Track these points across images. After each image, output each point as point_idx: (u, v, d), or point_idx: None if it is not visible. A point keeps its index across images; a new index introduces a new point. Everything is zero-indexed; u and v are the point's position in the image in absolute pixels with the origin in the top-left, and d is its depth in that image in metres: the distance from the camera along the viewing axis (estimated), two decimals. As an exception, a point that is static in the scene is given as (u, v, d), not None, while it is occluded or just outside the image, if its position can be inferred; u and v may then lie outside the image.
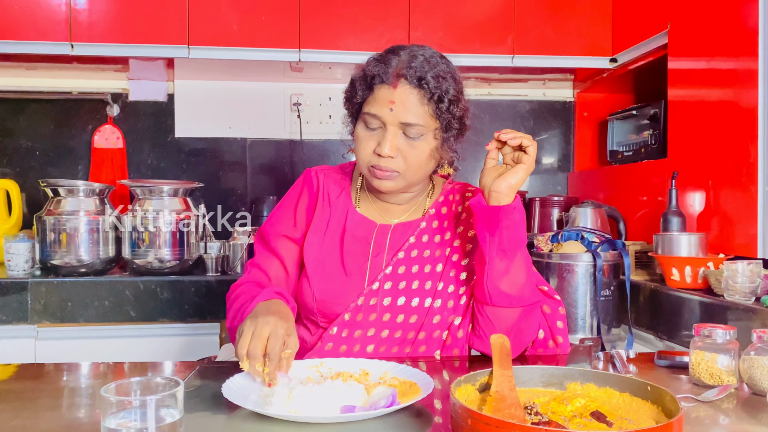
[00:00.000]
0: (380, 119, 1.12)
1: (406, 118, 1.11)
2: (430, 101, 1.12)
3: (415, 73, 1.12)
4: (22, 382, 1.06)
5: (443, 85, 1.13)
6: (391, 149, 1.12)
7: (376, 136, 1.14)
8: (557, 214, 2.56)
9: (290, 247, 1.25)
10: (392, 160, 1.13)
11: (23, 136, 2.63)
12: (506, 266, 1.09)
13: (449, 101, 1.13)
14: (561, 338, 1.23)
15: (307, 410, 0.84)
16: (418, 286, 1.20)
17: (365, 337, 1.18)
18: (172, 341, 2.04)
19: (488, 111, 2.88)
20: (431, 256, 1.22)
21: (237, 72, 2.58)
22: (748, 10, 1.68)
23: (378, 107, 1.13)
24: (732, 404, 0.93)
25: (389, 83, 1.12)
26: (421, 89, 1.12)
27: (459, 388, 0.85)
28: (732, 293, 1.48)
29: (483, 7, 2.41)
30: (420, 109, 1.12)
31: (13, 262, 2.06)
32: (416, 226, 1.24)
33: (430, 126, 1.14)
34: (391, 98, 1.11)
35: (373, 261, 1.22)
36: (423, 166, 1.16)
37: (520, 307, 1.13)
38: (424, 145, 1.14)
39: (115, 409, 0.70)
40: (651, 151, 2.26)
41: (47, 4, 2.21)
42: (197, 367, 1.12)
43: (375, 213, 1.27)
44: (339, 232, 1.24)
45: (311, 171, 1.30)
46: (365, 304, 1.19)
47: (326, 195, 1.27)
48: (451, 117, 1.15)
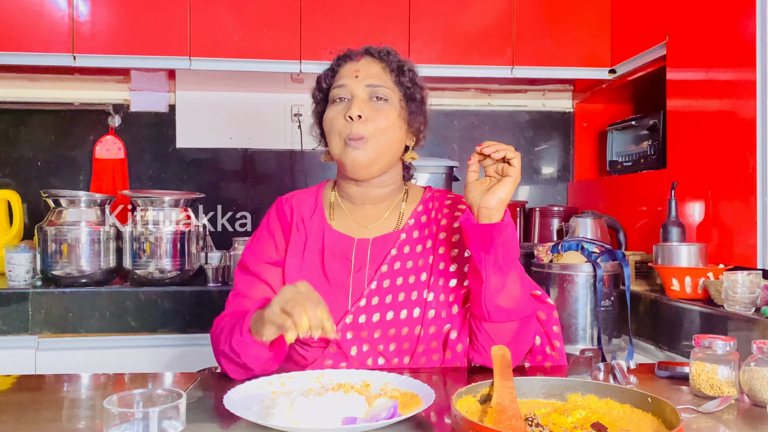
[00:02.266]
0: (347, 88, 1.19)
1: (371, 81, 1.19)
2: (392, 72, 1.21)
3: (378, 50, 1.23)
4: (22, 393, 1.05)
5: (404, 61, 1.23)
6: (359, 110, 1.16)
7: (344, 109, 1.19)
8: (557, 224, 2.57)
9: (274, 271, 1.24)
10: (361, 124, 1.16)
11: (25, 146, 2.64)
12: (502, 282, 1.08)
13: (409, 73, 1.22)
14: (558, 342, 1.23)
15: (308, 422, 0.84)
16: (405, 298, 1.18)
17: (361, 353, 1.17)
18: (173, 351, 2.04)
19: (488, 122, 2.89)
20: (414, 266, 1.21)
21: (238, 83, 2.59)
22: (746, 22, 1.70)
23: (344, 79, 1.20)
24: (732, 415, 0.93)
25: (353, 59, 1.22)
26: (383, 61, 1.21)
27: (460, 400, 0.85)
28: (732, 304, 1.48)
29: (482, 19, 2.43)
30: (384, 75, 1.20)
31: (14, 272, 2.06)
32: (396, 237, 1.23)
33: (394, 91, 1.21)
34: (356, 68, 1.20)
35: (355, 276, 1.20)
36: (390, 132, 1.19)
37: (518, 320, 1.13)
38: (390, 108, 1.19)
39: (118, 420, 0.70)
40: (650, 161, 2.27)
41: (50, 16, 2.23)
42: (198, 378, 1.12)
43: (352, 226, 1.26)
44: (318, 252, 1.23)
45: (281, 199, 1.31)
46: (354, 321, 1.17)
47: (300, 218, 1.26)
48: (413, 87, 1.22)
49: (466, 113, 2.88)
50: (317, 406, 0.86)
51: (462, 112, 2.88)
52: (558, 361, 1.23)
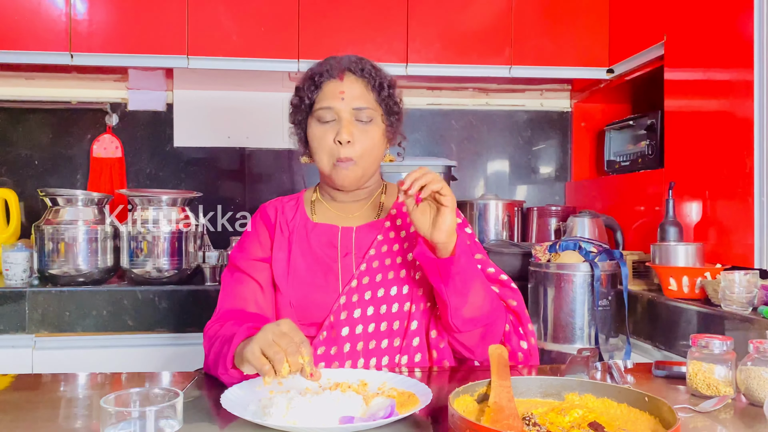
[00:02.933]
0: (334, 110, 1.23)
1: (357, 104, 1.23)
2: (373, 89, 1.25)
3: (357, 66, 1.26)
4: (19, 393, 1.05)
5: (381, 73, 1.28)
6: (348, 134, 1.21)
7: (331, 129, 1.23)
8: (555, 223, 2.57)
9: (262, 267, 1.28)
10: (351, 146, 1.22)
11: (22, 145, 2.64)
12: (464, 300, 1.13)
13: (388, 88, 1.27)
14: (531, 325, 1.26)
15: (305, 421, 0.84)
16: (394, 276, 1.24)
17: (353, 335, 1.21)
18: (170, 351, 2.04)
19: (486, 121, 2.89)
20: (401, 249, 1.27)
21: (236, 82, 2.59)
22: (743, 22, 1.70)
23: (329, 100, 1.23)
24: (729, 415, 0.93)
25: (336, 77, 1.24)
26: (364, 78, 1.25)
27: (457, 399, 0.85)
28: (729, 303, 1.48)
29: (481, 19, 2.43)
30: (367, 95, 1.25)
31: (11, 271, 2.06)
32: (381, 225, 1.29)
33: (377, 110, 1.26)
34: (341, 89, 1.23)
35: (343, 261, 1.26)
36: (375, 150, 1.26)
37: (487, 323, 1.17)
38: (375, 128, 1.25)
39: (115, 420, 0.70)
40: (648, 161, 2.27)
41: (47, 15, 2.22)
42: (195, 377, 1.12)
43: (333, 217, 1.32)
44: (303, 244, 1.28)
45: (264, 205, 1.37)
46: (348, 301, 1.22)
47: (283, 220, 1.32)
48: (392, 102, 1.28)
49: (464, 113, 2.88)
50: (314, 405, 0.86)
51: (460, 112, 2.88)
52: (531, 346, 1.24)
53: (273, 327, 0.97)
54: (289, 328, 0.97)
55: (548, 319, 1.85)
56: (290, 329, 0.96)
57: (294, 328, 0.98)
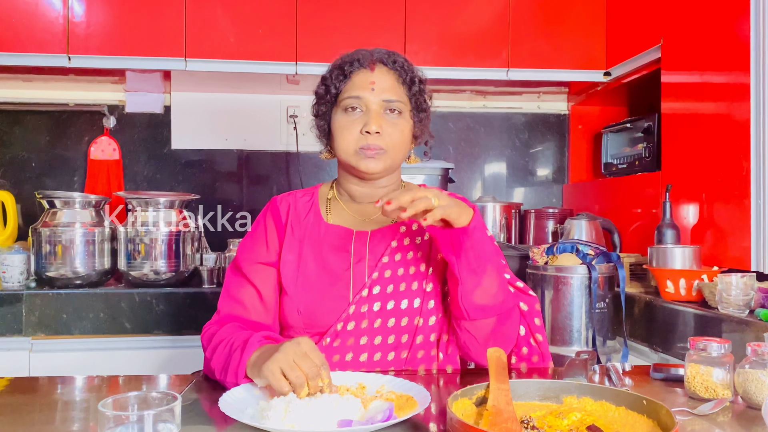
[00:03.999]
0: (362, 100, 1.19)
1: (387, 96, 1.19)
2: (403, 83, 1.21)
3: (389, 57, 1.21)
4: (16, 396, 1.05)
5: (413, 68, 1.24)
6: (378, 126, 1.17)
7: (358, 120, 1.19)
8: (552, 226, 2.57)
9: (266, 272, 1.23)
10: (379, 136, 1.18)
11: (19, 147, 2.63)
12: (477, 281, 1.09)
13: (420, 84, 1.23)
14: (540, 336, 1.23)
15: (304, 424, 0.84)
16: (405, 288, 1.20)
17: (357, 346, 1.18)
18: (168, 353, 2.04)
19: (483, 124, 2.89)
20: (414, 257, 1.23)
21: (233, 84, 2.59)
22: (740, 25, 1.71)
23: (359, 90, 1.19)
24: (727, 418, 0.93)
25: (367, 67, 1.20)
26: (396, 71, 1.21)
27: (456, 402, 0.85)
28: (726, 306, 1.49)
29: (478, 21, 2.43)
30: (397, 87, 1.20)
31: (8, 273, 2.05)
32: (396, 230, 1.25)
33: (406, 105, 1.22)
34: (371, 79, 1.19)
35: (355, 268, 1.21)
36: (404, 144, 1.22)
37: (498, 315, 1.13)
38: (404, 122, 1.21)
39: (113, 423, 0.70)
40: (645, 163, 2.28)
41: (45, 17, 2.22)
42: (193, 381, 1.12)
43: (349, 219, 1.27)
44: (316, 246, 1.23)
45: (276, 198, 1.31)
46: (357, 311, 1.18)
47: (295, 218, 1.26)
48: (422, 99, 1.24)
49: (462, 115, 2.88)
50: (313, 408, 0.86)
51: (457, 114, 2.88)
52: (541, 352, 1.23)
53: (294, 348, 0.95)
54: (310, 349, 0.95)
55: (545, 322, 1.85)
56: (310, 349, 0.95)
57: (314, 348, 0.96)
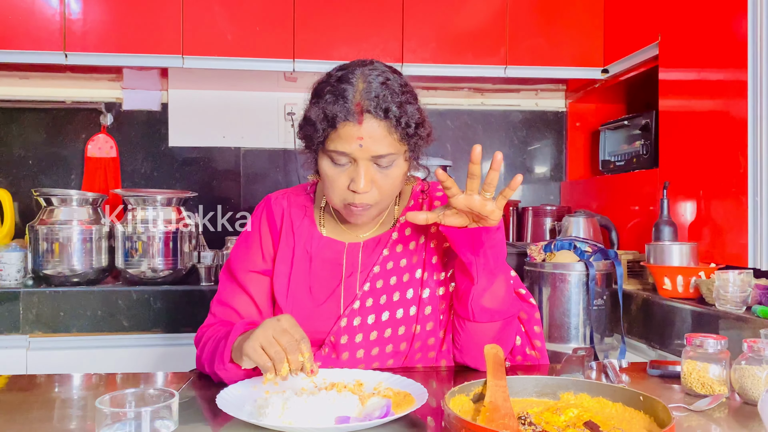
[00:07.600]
0: (349, 156, 1.07)
1: (377, 151, 1.06)
2: (396, 128, 1.07)
3: (378, 104, 1.05)
4: (13, 394, 1.05)
5: (407, 109, 1.08)
6: (366, 185, 1.07)
7: (346, 172, 1.09)
8: (550, 223, 2.58)
9: (260, 281, 1.21)
10: (367, 194, 1.09)
11: (16, 145, 2.62)
12: (489, 283, 1.08)
13: (415, 124, 1.09)
14: (539, 342, 1.23)
15: (301, 421, 0.84)
16: (400, 297, 1.17)
17: (354, 359, 1.16)
18: (165, 351, 2.03)
19: (481, 121, 2.89)
20: (408, 264, 1.19)
21: (231, 81, 2.58)
22: (738, 22, 1.71)
23: (345, 145, 1.06)
24: (723, 414, 0.94)
25: (354, 120, 1.05)
26: (387, 120, 1.06)
27: (453, 399, 0.86)
28: (723, 303, 1.49)
29: (476, 18, 2.43)
30: (389, 138, 1.07)
31: (5, 271, 2.05)
32: (388, 237, 1.21)
33: (399, 151, 1.09)
34: (359, 134, 1.05)
35: (347, 281, 1.18)
36: (396, 191, 1.14)
37: (501, 320, 1.13)
38: (397, 170, 1.11)
39: (110, 420, 0.70)
40: (642, 161, 2.28)
41: (41, 14, 2.21)
42: (191, 378, 1.12)
43: (342, 231, 1.23)
44: (306, 259, 1.20)
45: (271, 198, 1.27)
46: (349, 325, 1.16)
47: (289, 221, 1.23)
48: (418, 138, 1.11)
49: (460, 113, 2.88)
50: (310, 405, 0.86)
51: (455, 112, 2.88)
52: (539, 361, 1.24)
53: (273, 323, 0.96)
54: (290, 325, 0.96)
55: (543, 318, 1.86)
56: (290, 325, 0.96)
57: (294, 324, 0.97)
